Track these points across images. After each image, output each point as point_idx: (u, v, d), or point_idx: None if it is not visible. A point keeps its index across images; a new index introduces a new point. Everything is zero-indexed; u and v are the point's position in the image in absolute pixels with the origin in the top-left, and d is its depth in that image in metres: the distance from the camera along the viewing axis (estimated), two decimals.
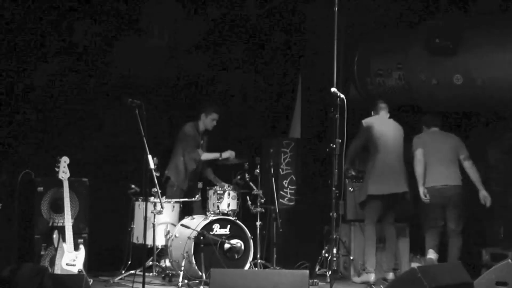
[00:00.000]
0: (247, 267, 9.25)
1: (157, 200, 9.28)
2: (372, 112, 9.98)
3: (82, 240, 8.96)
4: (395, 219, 10.07)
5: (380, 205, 9.66)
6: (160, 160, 9.03)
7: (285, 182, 11.55)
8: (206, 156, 10.11)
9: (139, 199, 9.78)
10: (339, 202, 9.73)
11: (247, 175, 10.04)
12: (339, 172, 8.17)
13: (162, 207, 9.25)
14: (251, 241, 9.43)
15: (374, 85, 10.95)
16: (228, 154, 10.00)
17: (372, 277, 9.68)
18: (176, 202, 9.97)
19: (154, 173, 8.41)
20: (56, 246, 8.70)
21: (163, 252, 9.79)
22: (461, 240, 9.88)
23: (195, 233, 9.12)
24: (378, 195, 9.58)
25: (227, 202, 9.76)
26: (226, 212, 9.68)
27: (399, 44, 10.71)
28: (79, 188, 9.26)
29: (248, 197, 10.16)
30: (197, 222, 9.47)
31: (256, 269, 9.43)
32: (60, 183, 8.82)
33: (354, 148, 9.61)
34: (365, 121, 9.73)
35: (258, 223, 10.05)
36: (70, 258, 8.70)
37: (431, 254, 9.87)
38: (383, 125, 9.77)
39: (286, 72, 11.96)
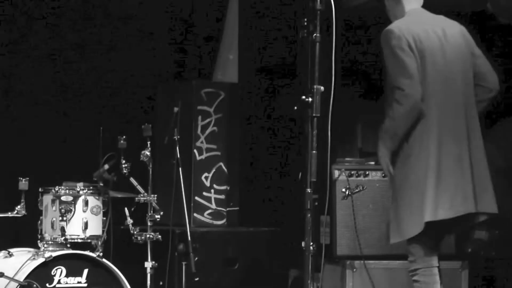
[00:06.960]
0: None
1: None
2: (389, 10, 6.39)
3: None
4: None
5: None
6: None
7: (206, 177, 8.60)
8: None
9: None
10: (321, 220, 7.37)
11: (123, 161, 7.24)
12: (321, 154, 5.71)
13: None
14: None
15: None
16: None
17: None
18: None
19: None
20: None
21: None
22: None
23: None
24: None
25: (82, 219, 7.16)
26: (79, 240, 7.30)
27: None
28: None
29: (126, 208, 7.37)
30: (17, 263, 7.08)
31: None
32: None
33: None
34: (392, 27, 6.35)
35: (148, 265, 7.35)
36: None
37: None
38: (422, 28, 6.23)
39: None
